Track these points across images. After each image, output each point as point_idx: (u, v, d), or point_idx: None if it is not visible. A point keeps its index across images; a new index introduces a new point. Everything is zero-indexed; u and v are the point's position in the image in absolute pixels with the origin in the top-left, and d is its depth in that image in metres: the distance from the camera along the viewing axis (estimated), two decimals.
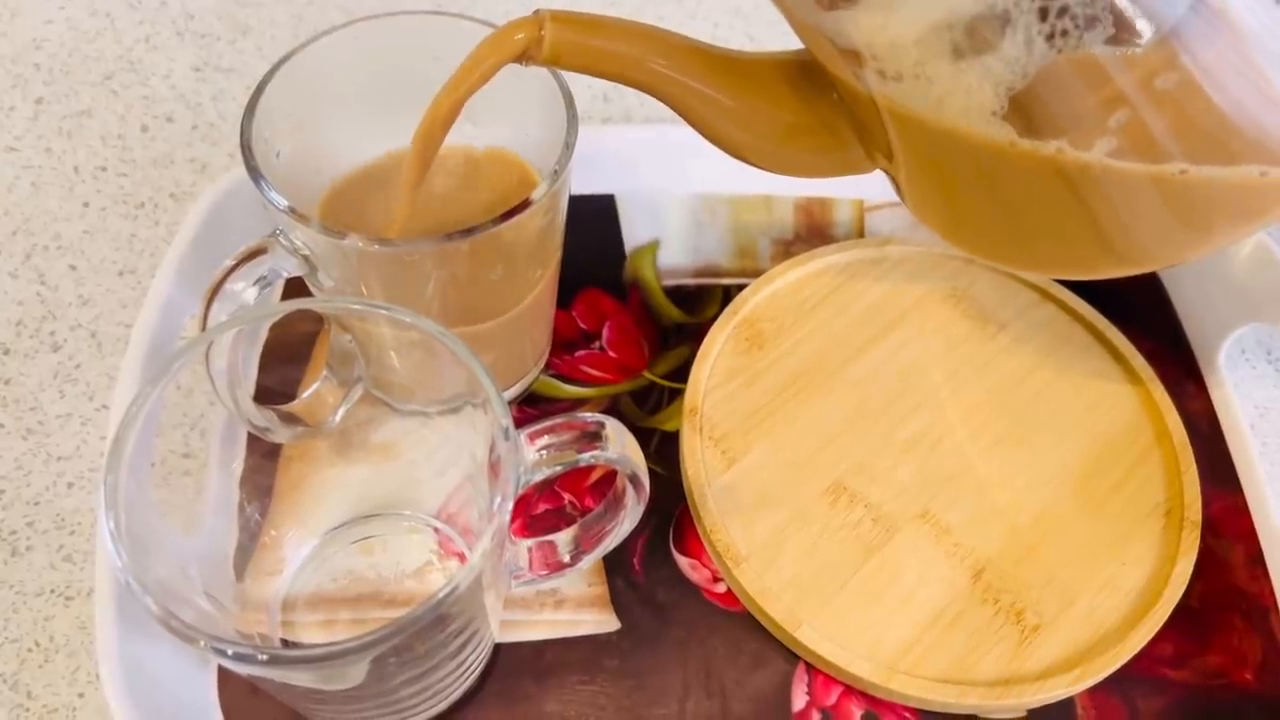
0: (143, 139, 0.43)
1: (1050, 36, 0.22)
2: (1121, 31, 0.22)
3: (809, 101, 0.29)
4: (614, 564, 0.32)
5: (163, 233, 0.40)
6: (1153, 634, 0.30)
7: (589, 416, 0.24)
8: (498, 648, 0.30)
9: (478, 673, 0.29)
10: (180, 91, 0.45)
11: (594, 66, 0.28)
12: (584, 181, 0.37)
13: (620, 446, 0.24)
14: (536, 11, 0.27)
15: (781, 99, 0.29)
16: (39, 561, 0.32)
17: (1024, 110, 0.24)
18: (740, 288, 0.37)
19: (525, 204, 0.27)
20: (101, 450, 0.34)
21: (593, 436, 0.24)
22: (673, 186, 0.41)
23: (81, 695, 0.30)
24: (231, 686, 0.29)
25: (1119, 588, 0.31)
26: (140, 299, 0.36)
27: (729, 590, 0.31)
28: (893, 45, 0.24)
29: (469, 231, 0.26)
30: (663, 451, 0.34)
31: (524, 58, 0.27)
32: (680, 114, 0.29)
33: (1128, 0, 0.22)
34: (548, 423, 0.24)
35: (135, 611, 0.28)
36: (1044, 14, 0.22)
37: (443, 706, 0.28)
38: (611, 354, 0.36)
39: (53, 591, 0.32)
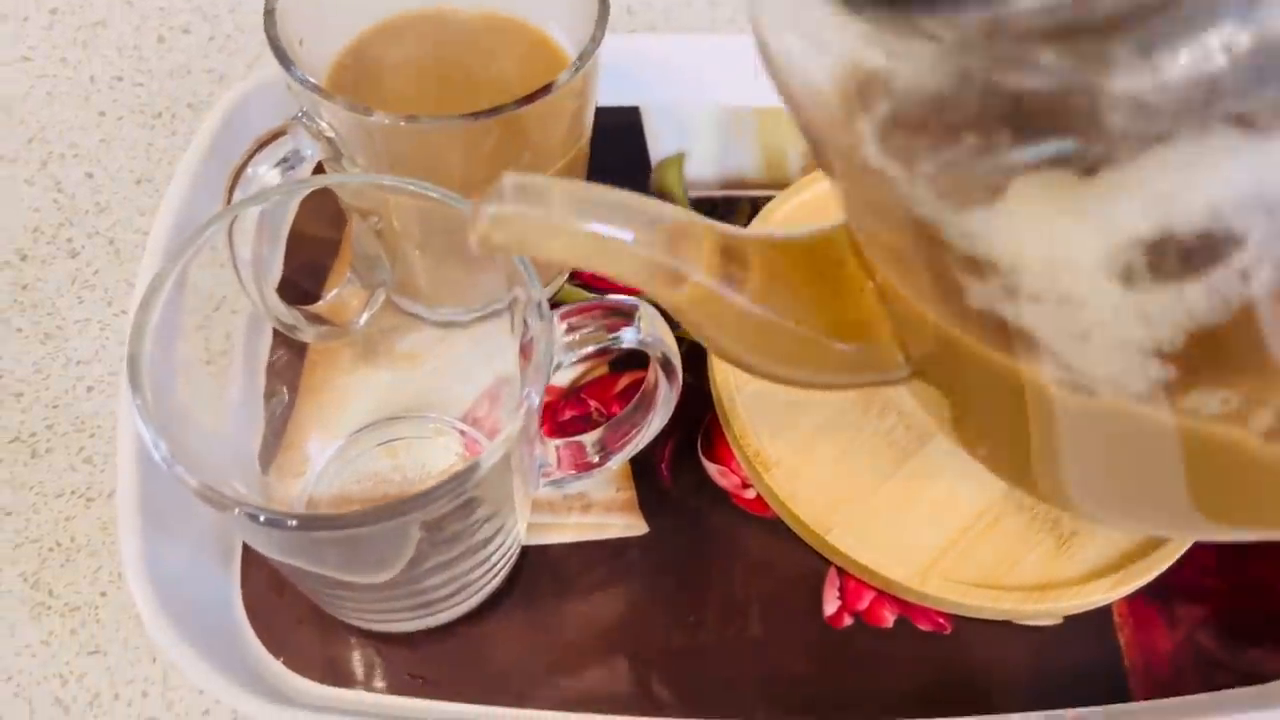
0: (159, 50, 0.42)
1: None
2: None
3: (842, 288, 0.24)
4: (641, 469, 0.31)
5: (180, 142, 0.39)
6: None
7: (623, 298, 0.24)
8: (525, 551, 0.30)
9: (505, 572, 0.28)
10: (196, 3, 0.44)
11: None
12: (609, 93, 0.36)
13: (653, 329, 0.23)
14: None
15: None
16: (59, 463, 0.32)
17: (1196, 359, 0.17)
18: (768, 199, 0.36)
19: (549, 88, 0.26)
20: (120, 355, 0.34)
21: (625, 315, 0.23)
22: (699, 98, 0.40)
23: (104, 594, 0.30)
24: (254, 583, 0.29)
25: None
26: (157, 207, 0.35)
27: (758, 496, 0.31)
28: (1052, 261, 0.17)
29: (495, 110, 0.25)
30: (690, 360, 0.33)
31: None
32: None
33: None
34: (580, 303, 0.23)
35: (158, 511, 0.28)
36: None
37: (470, 605, 0.28)
38: None
39: (73, 493, 0.31)
